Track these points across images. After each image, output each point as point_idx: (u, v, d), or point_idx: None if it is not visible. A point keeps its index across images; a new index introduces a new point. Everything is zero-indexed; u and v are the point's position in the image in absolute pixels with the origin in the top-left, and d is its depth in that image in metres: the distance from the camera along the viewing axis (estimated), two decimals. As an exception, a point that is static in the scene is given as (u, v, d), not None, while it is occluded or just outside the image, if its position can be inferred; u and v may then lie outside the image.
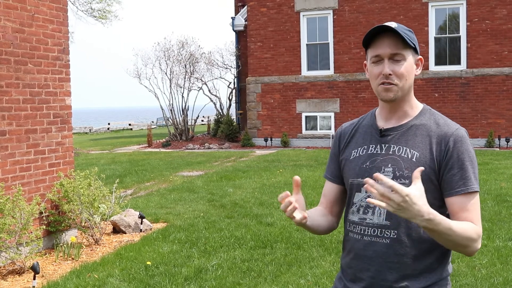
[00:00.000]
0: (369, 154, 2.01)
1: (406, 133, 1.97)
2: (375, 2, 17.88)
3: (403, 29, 1.92)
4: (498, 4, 16.80)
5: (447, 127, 1.95)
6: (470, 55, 17.16)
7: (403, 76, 1.92)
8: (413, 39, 1.94)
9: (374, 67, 1.95)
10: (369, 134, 2.05)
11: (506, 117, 16.94)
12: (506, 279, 4.96)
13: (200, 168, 13.61)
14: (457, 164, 1.89)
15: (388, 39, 1.92)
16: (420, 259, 1.90)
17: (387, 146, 1.98)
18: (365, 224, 1.96)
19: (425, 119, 2.00)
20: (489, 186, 9.62)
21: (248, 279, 5.15)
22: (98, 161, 15.91)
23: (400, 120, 2.01)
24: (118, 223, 7.04)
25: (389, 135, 2.00)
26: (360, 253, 1.96)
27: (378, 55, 1.93)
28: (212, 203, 8.90)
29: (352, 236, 2.00)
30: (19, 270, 5.49)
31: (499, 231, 6.56)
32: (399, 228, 1.90)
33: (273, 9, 19.04)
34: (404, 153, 1.94)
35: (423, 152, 1.92)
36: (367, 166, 1.99)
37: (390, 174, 1.93)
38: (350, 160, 2.06)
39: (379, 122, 2.05)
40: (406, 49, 1.93)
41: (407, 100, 2.00)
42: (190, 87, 21.82)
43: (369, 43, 1.97)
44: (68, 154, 6.70)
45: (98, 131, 42.75)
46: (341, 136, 2.16)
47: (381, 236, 1.92)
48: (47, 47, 6.35)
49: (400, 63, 1.92)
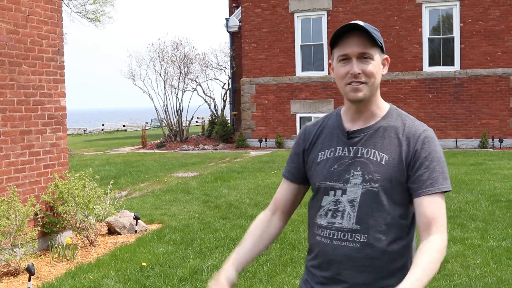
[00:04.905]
0: (337, 157, 1.97)
1: (374, 135, 1.94)
2: (369, 3, 17.93)
3: (370, 28, 1.89)
4: (491, 5, 16.89)
5: (415, 128, 1.93)
6: (463, 56, 17.24)
7: (372, 75, 1.89)
8: (380, 38, 1.91)
9: (341, 67, 1.91)
10: (335, 136, 2.01)
11: (499, 118, 17.02)
12: (500, 278, 4.99)
13: (195, 169, 13.60)
14: (424, 165, 1.87)
15: (356, 38, 1.88)
16: (392, 261, 1.89)
17: (355, 148, 1.95)
18: (334, 228, 1.92)
19: (393, 120, 1.96)
20: (483, 186, 9.67)
21: (243, 279, 5.16)
22: (93, 162, 15.88)
23: (367, 121, 1.97)
24: (113, 224, 7.04)
25: (356, 137, 1.96)
26: (329, 258, 1.93)
27: (345, 54, 1.89)
28: (207, 204, 8.90)
29: (320, 240, 1.96)
30: (14, 272, 5.48)
31: (493, 231, 6.60)
32: (369, 232, 1.87)
33: (267, 10, 19.07)
34: (372, 156, 1.91)
35: (392, 155, 1.90)
36: (335, 169, 1.95)
37: (359, 178, 1.90)
38: (317, 162, 2.01)
39: (345, 123, 2.01)
40: (374, 48, 1.90)
41: (374, 101, 1.96)
42: (185, 88, 21.81)
43: (335, 43, 1.92)
44: (63, 155, 6.69)
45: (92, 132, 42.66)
46: (305, 136, 2.10)
47: (351, 240, 1.89)
48: (42, 48, 6.34)
49: (368, 62, 1.89)
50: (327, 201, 1.96)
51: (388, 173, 1.88)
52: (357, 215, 1.89)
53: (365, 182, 1.89)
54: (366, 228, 1.88)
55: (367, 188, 1.89)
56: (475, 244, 6.08)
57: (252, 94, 19.38)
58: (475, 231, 6.66)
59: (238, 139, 19.32)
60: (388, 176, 1.88)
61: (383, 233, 1.88)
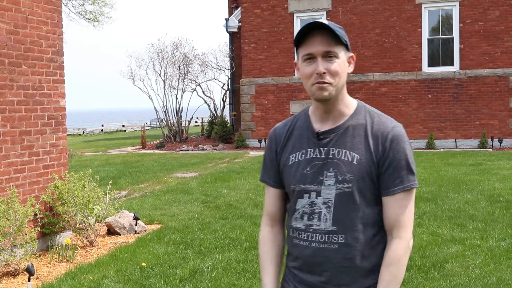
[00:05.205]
0: (308, 159, 1.95)
1: (344, 134, 1.93)
2: (369, 4, 17.94)
3: (334, 26, 1.87)
4: (490, 6, 16.90)
5: (383, 125, 1.93)
6: (463, 56, 17.25)
7: (338, 73, 1.88)
8: (344, 36, 1.90)
9: (306, 66, 1.89)
10: (305, 138, 1.99)
11: (498, 118, 17.03)
12: (500, 279, 4.99)
13: (194, 170, 13.60)
14: (393, 164, 1.88)
15: (320, 37, 1.86)
16: (368, 260, 1.91)
17: (326, 149, 1.93)
18: (311, 230, 1.92)
19: (361, 118, 1.95)
20: (482, 186, 9.67)
21: (243, 280, 5.16)
22: (92, 162, 15.88)
23: (336, 121, 1.96)
24: (112, 224, 7.04)
25: (326, 138, 1.95)
26: (309, 260, 1.93)
27: (310, 53, 1.88)
28: (207, 204, 8.90)
29: (299, 242, 1.96)
30: (14, 272, 5.48)
31: (493, 232, 6.60)
32: (346, 232, 1.89)
33: (267, 11, 19.07)
34: (344, 156, 1.90)
35: (363, 154, 1.90)
36: (307, 172, 1.94)
37: (332, 179, 1.90)
38: (289, 165, 1.99)
39: (314, 124, 1.99)
40: (339, 47, 1.88)
41: (341, 99, 1.95)
42: (184, 89, 21.81)
43: (300, 42, 1.91)
44: (62, 155, 6.69)
45: (92, 132, 42.64)
46: (276, 139, 2.08)
47: (329, 241, 1.89)
48: (42, 48, 6.34)
49: (333, 61, 1.87)
50: (302, 204, 1.95)
51: (360, 172, 1.88)
52: (333, 216, 1.89)
53: (338, 182, 1.89)
54: (343, 228, 1.89)
55: (341, 189, 1.89)
56: (474, 245, 6.09)
57: (251, 94, 19.38)
58: (475, 231, 6.66)
59: (237, 139, 19.32)
60: (361, 176, 1.88)
61: (360, 232, 1.89)
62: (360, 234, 1.89)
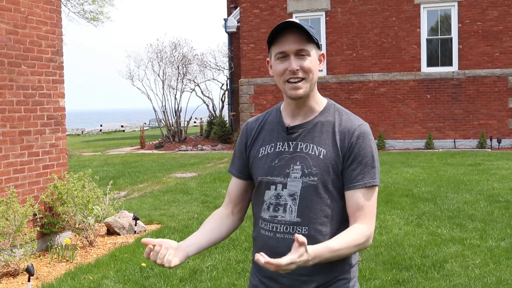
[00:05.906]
0: (277, 152, 2.02)
1: (312, 130, 1.99)
2: (367, 4, 17.95)
3: (306, 25, 1.93)
4: (489, 6, 16.92)
5: (350, 123, 1.99)
6: (461, 57, 17.26)
7: (310, 70, 1.94)
8: (315, 34, 1.96)
9: (279, 64, 1.95)
10: (275, 132, 2.06)
11: (497, 118, 17.05)
12: (499, 278, 5.00)
13: (194, 170, 13.60)
14: (357, 160, 1.93)
15: (292, 35, 1.92)
16: None
17: (294, 143, 2.00)
18: (276, 221, 1.97)
19: (330, 115, 2.02)
20: (481, 186, 9.68)
21: (243, 280, 5.16)
22: (91, 163, 15.87)
23: (306, 116, 2.02)
24: (112, 224, 7.04)
25: (295, 132, 2.01)
26: (273, 250, 1.94)
27: (283, 51, 1.93)
28: (206, 204, 8.90)
29: (264, 233, 2.01)
30: (13, 273, 5.48)
31: (492, 231, 6.61)
32: (310, 224, 1.93)
33: (265, 11, 19.07)
34: (311, 151, 1.97)
35: (329, 149, 1.95)
36: (275, 164, 2.00)
37: (298, 172, 1.95)
38: (258, 158, 2.06)
39: (285, 119, 2.06)
40: (310, 45, 1.94)
41: (312, 96, 2.01)
42: (183, 89, 21.81)
43: (272, 41, 1.96)
44: (62, 156, 6.69)
45: (91, 132, 42.62)
46: (247, 132, 2.15)
47: (293, 233, 1.93)
48: (41, 48, 6.34)
49: (305, 58, 1.93)
50: (269, 195, 2.01)
51: (326, 166, 1.94)
52: (298, 208, 1.94)
53: (304, 176, 1.94)
54: (307, 220, 1.93)
55: (307, 182, 1.94)
56: (474, 244, 6.09)
57: (250, 94, 19.38)
58: (474, 231, 6.67)
59: (236, 139, 19.32)
60: (326, 170, 1.94)
61: (323, 225, 1.94)
62: (323, 227, 1.94)
